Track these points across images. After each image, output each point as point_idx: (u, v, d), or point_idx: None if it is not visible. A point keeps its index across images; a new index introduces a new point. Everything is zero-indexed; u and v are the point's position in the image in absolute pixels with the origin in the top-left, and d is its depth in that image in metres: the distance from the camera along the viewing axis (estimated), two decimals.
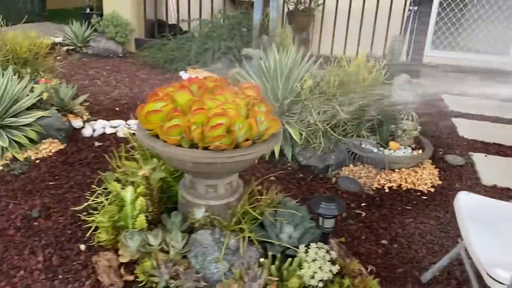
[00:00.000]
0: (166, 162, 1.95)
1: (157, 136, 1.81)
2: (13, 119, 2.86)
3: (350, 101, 2.87)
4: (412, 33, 5.45)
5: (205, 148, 1.75)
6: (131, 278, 1.87)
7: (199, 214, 1.87)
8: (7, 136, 2.79)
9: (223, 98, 1.84)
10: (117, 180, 2.11)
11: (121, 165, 2.18)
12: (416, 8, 5.41)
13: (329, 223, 1.87)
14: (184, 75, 5.10)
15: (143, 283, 1.83)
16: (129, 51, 6.01)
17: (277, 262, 1.83)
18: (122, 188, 2.01)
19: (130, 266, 1.93)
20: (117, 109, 3.80)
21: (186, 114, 1.78)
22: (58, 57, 4.41)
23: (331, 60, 3.15)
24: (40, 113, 2.92)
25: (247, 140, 1.77)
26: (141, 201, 1.85)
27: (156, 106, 1.78)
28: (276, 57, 3.20)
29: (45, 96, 3.03)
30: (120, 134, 3.24)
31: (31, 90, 3.08)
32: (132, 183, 1.99)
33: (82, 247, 2.11)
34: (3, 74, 2.96)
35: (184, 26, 6.33)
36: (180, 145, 1.76)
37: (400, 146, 3.07)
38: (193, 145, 1.77)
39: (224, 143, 1.71)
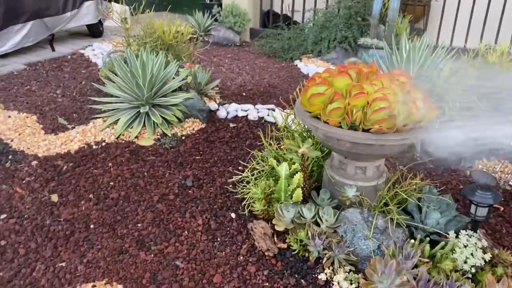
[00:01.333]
0: (321, 141, 2.08)
1: (316, 118, 1.95)
2: (163, 99, 3.20)
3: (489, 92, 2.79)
4: None
5: (364, 131, 1.86)
6: (284, 246, 2.05)
7: (350, 193, 1.98)
8: (159, 114, 3.14)
9: (380, 83, 1.92)
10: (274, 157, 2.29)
11: (272, 143, 2.37)
12: None
13: (482, 212, 1.87)
14: (299, 64, 5.24)
15: (296, 251, 2.00)
16: (244, 40, 6.30)
17: (427, 246, 1.88)
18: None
19: (280, 235, 2.11)
20: (244, 94, 4.05)
21: (345, 97, 1.90)
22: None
23: (467, 50, 3.07)
24: (186, 95, 3.23)
25: (405, 125, 1.84)
26: (299, 175, 2.01)
27: (319, 89, 1.92)
28: (407, 47, 3.19)
29: (189, 79, 3.34)
30: (251, 117, 3.47)
31: (177, 74, 3.40)
32: (286, 160, 2.16)
33: (233, 215, 2.34)
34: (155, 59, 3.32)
35: (296, 17, 6.47)
36: (340, 127, 1.88)
37: None
38: (351, 127, 1.88)
39: (385, 126, 1.80)
